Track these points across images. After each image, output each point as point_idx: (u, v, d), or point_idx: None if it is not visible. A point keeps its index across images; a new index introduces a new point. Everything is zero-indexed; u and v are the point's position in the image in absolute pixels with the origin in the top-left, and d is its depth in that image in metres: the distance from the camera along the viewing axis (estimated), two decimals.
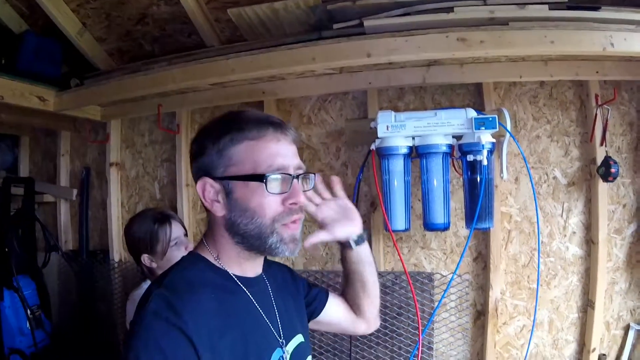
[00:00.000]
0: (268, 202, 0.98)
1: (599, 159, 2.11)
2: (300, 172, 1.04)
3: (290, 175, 1.01)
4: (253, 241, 1.01)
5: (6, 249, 2.64)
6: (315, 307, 1.33)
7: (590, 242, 2.21)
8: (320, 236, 1.26)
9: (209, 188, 1.02)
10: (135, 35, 2.82)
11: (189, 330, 0.86)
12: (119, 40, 2.88)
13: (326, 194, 1.29)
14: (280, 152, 1.01)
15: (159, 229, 1.96)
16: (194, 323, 0.88)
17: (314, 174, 1.12)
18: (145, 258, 1.95)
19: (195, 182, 1.03)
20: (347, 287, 1.39)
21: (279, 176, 0.99)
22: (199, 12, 2.51)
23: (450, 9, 2.06)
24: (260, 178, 0.97)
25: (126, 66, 2.89)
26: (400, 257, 2.20)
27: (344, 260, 1.35)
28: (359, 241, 1.31)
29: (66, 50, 2.89)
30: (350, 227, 1.29)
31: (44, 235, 2.80)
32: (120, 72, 2.79)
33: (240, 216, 1.00)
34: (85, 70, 2.94)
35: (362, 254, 1.32)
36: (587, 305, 2.21)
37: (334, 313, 1.37)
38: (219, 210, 1.02)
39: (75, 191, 3.21)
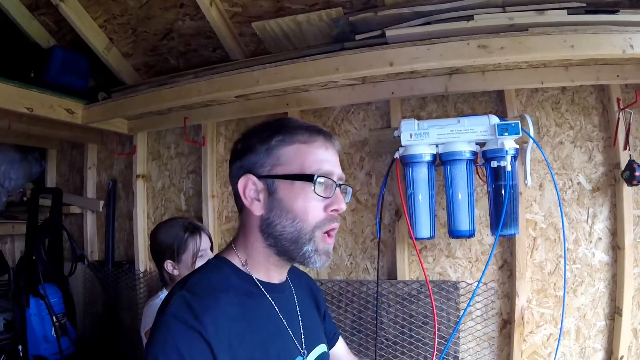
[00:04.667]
0: (312, 206, 1.00)
1: (623, 163, 2.09)
2: (342, 182, 1.06)
3: (335, 182, 1.02)
4: (288, 245, 1.01)
5: (33, 257, 2.68)
6: (328, 341, 1.31)
7: (616, 247, 2.18)
8: None
9: (251, 186, 1.02)
10: (161, 50, 2.89)
11: (208, 334, 0.86)
12: (145, 55, 2.96)
13: None
14: (328, 158, 1.03)
15: (189, 238, 2.00)
16: (214, 327, 0.88)
17: (350, 187, 1.13)
18: (168, 264, 1.98)
19: (236, 181, 1.04)
20: None
21: (325, 180, 1.00)
22: (224, 26, 2.58)
23: (470, 17, 2.09)
24: (310, 178, 0.99)
25: (152, 80, 2.97)
26: (422, 266, 2.20)
27: None
28: None
29: (93, 65, 2.98)
30: None
31: (71, 245, 2.84)
32: (146, 86, 2.86)
33: (279, 217, 1.00)
34: (112, 84, 3.03)
35: None
36: (614, 313, 2.17)
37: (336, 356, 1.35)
38: (258, 210, 1.03)
39: (101, 203, 3.28)
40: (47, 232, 2.87)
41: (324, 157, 1.02)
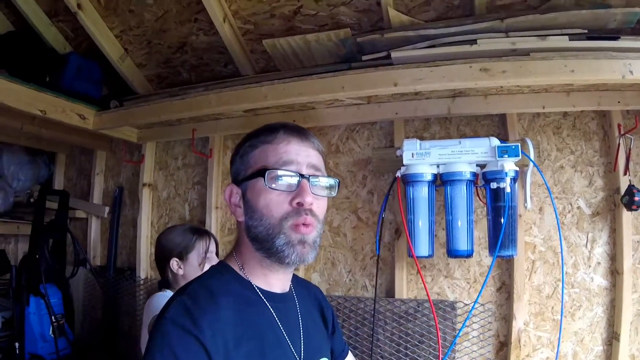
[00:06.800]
0: (275, 201, 0.99)
1: (623, 188, 2.11)
2: (317, 174, 1.04)
3: (297, 173, 1.00)
4: (265, 244, 1.00)
5: (37, 256, 2.71)
6: (335, 357, 1.30)
7: (615, 272, 2.18)
8: None
9: (235, 194, 1.06)
10: (174, 62, 2.96)
11: (205, 338, 0.87)
12: (158, 67, 3.03)
13: None
14: (288, 151, 1.02)
15: (197, 239, 2.02)
16: (211, 332, 0.88)
17: (337, 180, 1.08)
18: (174, 263, 1.99)
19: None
20: None
21: (281, 172, 0.99)
22: (236, 42, 2.65)
23: (473, 41, 2.14)
24: (262, 173, 0.99)
25: (164, 91, 3.03)
26: (424, 284, 2.20)
27: None
28: None
29: (107, 73, 3.05)
30: None
31: (74, 249, 2.86)
32: (158, 96, 2.92)
33: (252, 218, 1.02)
34: (125, 93, 3.09)
35: None
36: (612, 338, 2.16)
37: None
38: (240, 215, 1.05)
39: (107, 209, 3.33)
40: (51, 232, 2.90)
41: (283, 151, 1.02)
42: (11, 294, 2.68)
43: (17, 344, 2.56)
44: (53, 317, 2.64)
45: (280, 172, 0.99)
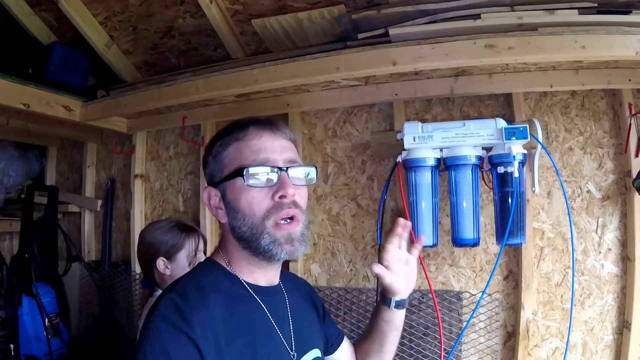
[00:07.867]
0: (256, 199, 0.99)
1: (635, 171, 2.00)
2: (294, 164, 1.04)
3: (276, 167, 1.01)
4: (251, 244, 1.01)
5: (26, 255, 2.67)
6: (331, 344, 1.31)
7: (626, 259, 2.08)
8: (381, 271, 1.22)
9: (213, 196, 1.06)
10: (162, 48, 2.85)
11: (196, 335, 0.87)
12: (145, 53, 2.92)
13: (403, 246, 1.30)
14: (262, 146, 1.02)
15: (185, 237, 1.94)
16: (201, 329, 0.89)
17: (314, 167, 1.11)
18: (160, 262, 1.88)
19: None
20: (364, 341, 1.36)
21: (260, 169, 1.00)
22: (224, 24, 2.53)
23: (477, 16, 2.01)
24: (240, 172, 0.99)
25: (151, 78, 2.93)
26: (426, 274, 2.13)
27: (376, 315, 1.32)
28: (399, 305, 1.27)
29: (93, 63, 2.96)
30: (403, 286, 1.26)
31: (66, 245, 2.82)
32: (145, 84, 2.83)
33: (235, 219, 1.02)
34: (112, 82, 3.00)
35: (397, 319, 1.29)
36: (622, 327, 2.08)
37: (342, 358, 1.34)
38: (222, 217, 1.06)
39: (99, 202, 3.27)
40: (41, 230, 2.85)
41: (258, 147, 1.02)
42: (3, 294, 2.63)
43: (12, 346, 2.53)
44: (46, 317, 2.60)
45: (258, 169, 0.99)
